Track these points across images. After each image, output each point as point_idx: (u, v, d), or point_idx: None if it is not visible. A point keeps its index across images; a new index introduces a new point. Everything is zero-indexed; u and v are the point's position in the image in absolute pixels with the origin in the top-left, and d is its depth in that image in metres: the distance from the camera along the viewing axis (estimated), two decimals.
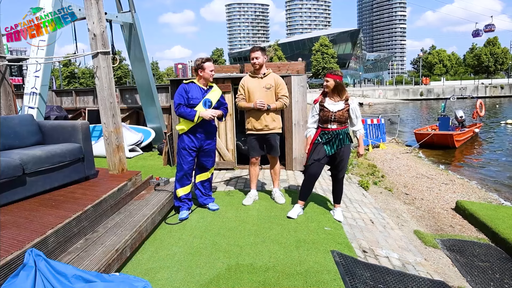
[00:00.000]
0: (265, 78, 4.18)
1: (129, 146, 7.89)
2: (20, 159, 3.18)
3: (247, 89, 4.22)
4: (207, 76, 3.86)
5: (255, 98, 4.13)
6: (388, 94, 52.46)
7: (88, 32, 3.98)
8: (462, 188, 7.48)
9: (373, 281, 2.83)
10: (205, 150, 4.00)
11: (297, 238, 3.40)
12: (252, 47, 4.28)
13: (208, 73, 3.84)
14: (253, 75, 4.24)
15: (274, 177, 4.51)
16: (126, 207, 3.71)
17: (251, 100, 4.17)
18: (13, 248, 2.32)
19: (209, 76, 3.87)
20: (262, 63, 4.14)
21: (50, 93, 10.33)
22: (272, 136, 4.23)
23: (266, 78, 4.18)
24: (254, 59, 4.12)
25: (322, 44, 68.63)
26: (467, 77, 74.21)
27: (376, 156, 10.89)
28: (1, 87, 4.59)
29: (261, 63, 4.13)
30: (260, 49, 4.20)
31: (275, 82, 4.16)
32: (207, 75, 3.85)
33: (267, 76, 4.19)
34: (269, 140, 4.24)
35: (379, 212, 5.05)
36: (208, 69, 3.83)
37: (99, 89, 4.09)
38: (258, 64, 4.13)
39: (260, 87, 4.16)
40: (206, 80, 3.91)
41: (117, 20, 7.37)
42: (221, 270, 2.83)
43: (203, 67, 3.82)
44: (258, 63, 4.12)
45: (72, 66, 41.21)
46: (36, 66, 6.13)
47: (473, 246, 4.40)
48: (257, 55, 4.11)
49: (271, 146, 4.28)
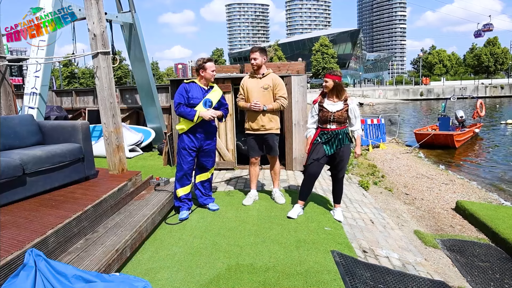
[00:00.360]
0: (263, 78, 4.18)
1: (129, 146, 7.89)
2: (20, 159, 3.18)
3: (246, 89, 4.23)
4: (209, 76, 3.86)
5: (253, 98, 4.14)
6: (388, 94, 52.46)
7: (88, 32, 3.98)
8: (462, 188, 7.48)
9: (373, 281, 2.83)
10: (205, 150, 4.00)
11: (297, 238, 3.40)
12: (251, 47, 4.29)
13: (209, 73, 3.84)
14: (252, 75, 4.25)
15: (274, 177, 4.51)
16: (126, 207, 3.71)
17: (249, 100, 4.18)
18: (13, 248, 2.32)
19: (211, 76, 3.87)
20: (260, 64, 4.15)
21: (50, 93, 10.33)
22: (270, 137, 4.23)
23: (264, 78, 4.18)
24: (253, 59, 4.13)
25: (322, 44, 68.65)
26: (467, 77, 74.22)
27: (376, 156, 10.88)
28: (1, 87, 4.59)
29: (259, 63, 4.13)
30: (259, 49, 4.21)
31: (273, 83, 4.16)
32: (208, 75, 3.85)
33: (266, 76, 4.19)
34: (267, 140, 4.25)
35: (379, 212, 5.05)
36: (209, 69, 3.83)
37: (99, 89, 4.09)
38: (256, 65, 4.14)
39: (258, 87, 4.16)
40: (207, 80, 3.91)
41: (117, 20, 7.37)
42: (221, 270, 2.83)
43: (204, 67, 3.82)
44: (256, 63, 4.13)
45: (72, 66, 41.24)
46: (36, 66, 6.13)
47: (473, 246, 4.39)
48: (255, 56, 4.12)
49: (269, 147, 4.28)
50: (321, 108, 3.83)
